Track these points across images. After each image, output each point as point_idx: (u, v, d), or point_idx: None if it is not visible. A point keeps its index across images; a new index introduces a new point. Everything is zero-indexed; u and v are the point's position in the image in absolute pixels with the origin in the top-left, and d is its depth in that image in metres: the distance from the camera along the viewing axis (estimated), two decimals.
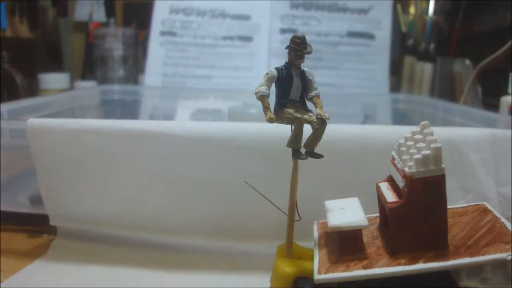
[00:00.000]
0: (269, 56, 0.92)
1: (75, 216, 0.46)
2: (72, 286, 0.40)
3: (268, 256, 0.35)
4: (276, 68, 0.29)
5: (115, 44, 1.04)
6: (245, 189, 0.36)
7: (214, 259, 0.45)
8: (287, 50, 0.29)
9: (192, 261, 0.44)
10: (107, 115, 0.90)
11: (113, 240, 0.47)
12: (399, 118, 0.88)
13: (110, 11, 1.24)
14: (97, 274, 0.43)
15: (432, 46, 1.11)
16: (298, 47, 0.28)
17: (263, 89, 0.28)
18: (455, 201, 0.42)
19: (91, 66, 1.13)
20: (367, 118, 0.84)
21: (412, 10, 1.16)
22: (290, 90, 0.29)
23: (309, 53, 0.29)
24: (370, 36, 0.95)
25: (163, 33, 0.94)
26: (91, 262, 0.45)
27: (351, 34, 0.95)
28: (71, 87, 1.05)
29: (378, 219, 0.32)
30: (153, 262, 0.44)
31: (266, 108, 0.28)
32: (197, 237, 0.45)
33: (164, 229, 0.45)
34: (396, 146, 0.30)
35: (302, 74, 0.29)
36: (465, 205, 0.33)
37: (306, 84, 0.30)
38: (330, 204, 0.30)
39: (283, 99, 0.29)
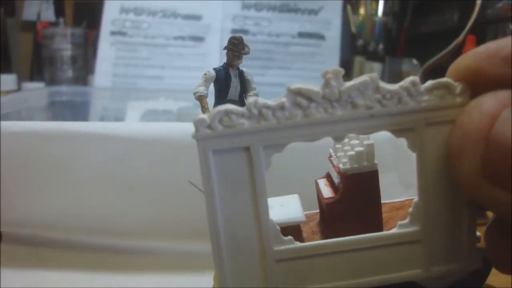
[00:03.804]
0: (221, 57, 0.92)
1: (21, 220, 0.46)
2: None
3: None
4: (215, 69, 0.29)
5: (63, 44, 1.02)
6: (192, 189, 0.36)
7: (163, 260, 0.45)
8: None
9: (140, 262, 0.44)
10: (55, 117, 0.88)
11: (59, 244, 0.46)
12: None
13: (59, 11, 1.21)
14: (44, 279, 0.42)
15: (381, 46, 1.14)
16: (235, 47, 0.29)
17: (201, 89, 0.28)
18: (397, 196, 0.43)
19: (39, 67, 1.10)
20: None
21: (361, 11, 1.19)
22: (228, 90, 0.29)
23: (247, 53, 0.29)
24: (321, 37, 0.97)
25: (113, 33, 0.93)
26: (37, 267, 0.44)
27: (302, 35, 0.96)
28: (19, 89, 1.03)
29: (318, 215, 0.32)
30: (101, 265, 0.44)
31: (204, 108, 0.28)
32: (144, 238, 0.45)
33: (111, 232, 0.45)
34: (333, 143, 0.30)
35: (241, 74, 0.30)
36: (403, 199, 0.34)
37: (245, 84, 0.30)
38: (270, 201, 0.30)
39: (221, 99, 0.29)
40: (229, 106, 0.23)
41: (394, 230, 0.25)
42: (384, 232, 0.26)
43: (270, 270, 0.25)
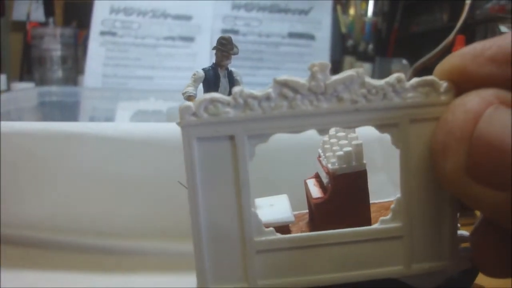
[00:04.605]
0: (211, 57, 0.92)
1: (10, 221, 0.45)
2: None
3: None
4: (203, 69, 0.29)
5: (53, 44, 1.02)
6: (182, 189, 0.36)
7: (155, 260, 0.44)
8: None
9: (130, 263, 0.44)
10: (45, 117, 0.88)
11: (49, 244, 0.46)
12: None
13: (49, 10, 1.21)
14: (34, 280, 0.42)
15: (371, 46, 1.14)
16: (224, 48, 0.29)
17: (190, 89, 0.29)
18: (386, 196, 0.44)
19: (29, 67, 1.10)
20: None
21: (351, 11, 1.19)
22: (217, 90, 0.29)
23: (235, 53, 0.29)
24: (311, 37, 0.97)
25: (103, 33, 0.93)
26: (27, 268, 0.43)
27: (292, 35, 0.97)
28: (8, 89, 1.02)
29: (307, 215, 0.33)
30: (90, 265, 0.44)
31: None
32: (135, 239, 0.45)
33: (101, 232, 0.45)
34: (321, 143, 0.31)
35: (230, 74, 0.30)
36: (392, 199, 0.34)
37: (234, 84, 0.30)
38: (259, 201, 0.31)
39: None
40: (214, 95, 0.24)
41: (376, 226, 0.26)
42: (366, 227, 0.26)
43: (250, 260, 0.25)
